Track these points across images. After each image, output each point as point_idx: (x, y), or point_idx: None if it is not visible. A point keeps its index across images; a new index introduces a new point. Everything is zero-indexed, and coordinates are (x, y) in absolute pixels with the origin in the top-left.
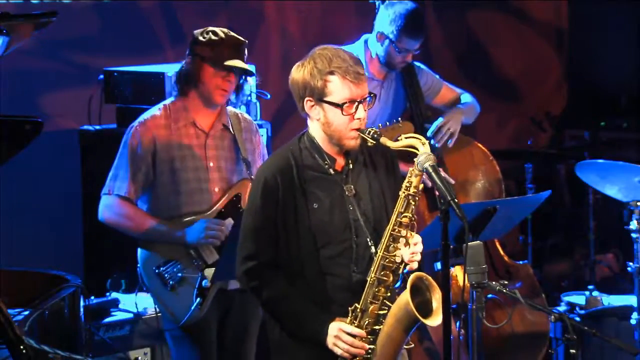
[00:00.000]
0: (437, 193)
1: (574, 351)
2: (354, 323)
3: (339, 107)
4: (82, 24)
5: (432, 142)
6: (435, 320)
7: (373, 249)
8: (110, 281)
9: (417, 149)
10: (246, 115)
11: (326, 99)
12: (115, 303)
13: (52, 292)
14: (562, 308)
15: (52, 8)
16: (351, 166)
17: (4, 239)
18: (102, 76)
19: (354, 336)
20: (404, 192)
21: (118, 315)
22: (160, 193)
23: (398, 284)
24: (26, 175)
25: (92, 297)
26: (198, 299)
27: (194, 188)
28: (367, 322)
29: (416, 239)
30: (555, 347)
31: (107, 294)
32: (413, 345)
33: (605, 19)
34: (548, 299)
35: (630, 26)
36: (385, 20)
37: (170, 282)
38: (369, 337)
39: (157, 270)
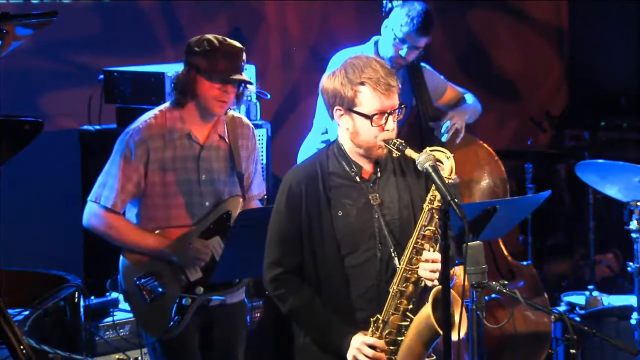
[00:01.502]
0: None
1: (574, 351)
2: (375, 334)
3: (369, 119)
4: (82, 24)
5: (439, 136)
6: (456, 334)
7: (396, 261)
8: (110, 281)
9: (441, 162)
10: (245, 120)
11: (356, 109)
12: (115, 303)
13: (52, 292)
14: (562, 308)
15: (52, 8)
16: (379, 174)
17: (4, 239)
18: (102, 76)
19: (374, 347)
20: (427, 205)
21: (118, 315)
22: (150, 203)
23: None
24: (26, 175)
25: (92, 297)
26: (176, 317)
27: (185, 202)
28: (388, 332)
29: (433, 255)
30: (555, 347)
31: (107, 294)
32: (434, 357)
33: (605, 18)
34: (548, 299)
35: (630, 26)
36: (397, 14)
37: (151, 296)
38: (390, 347)
39: (137, 282)
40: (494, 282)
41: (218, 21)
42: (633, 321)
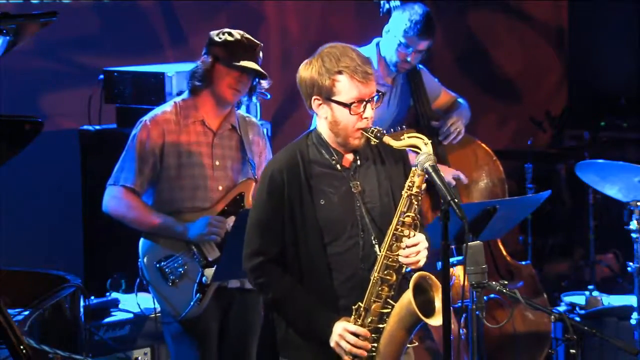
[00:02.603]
0: None
1: (574, 351)
2: (358, 322)
3: (347, 107)
4: (82, 24)
5: (442, 138)
6: (437, 319)
7: (377, 248)
8: (110, 281)
9: (419, 148)
10: (254, 119)
11: (334, 98)
12: (115, 303)
13: (52, 292)
14: (562, 308)
15: (52, 8)
16: (359, 163)
17: (4, 239)
18: (102, 76)
19: (357, 335)
20: (406, 192)
21: (118, 315)
22: (165, 187)
23: (408, 269)
24: (26, 175)
25: (92, 297)
26: (197, 295)
27: (198, 184)
28: (370, 320)
29: (417, 238)
30: (555, 347)
31: (107, 294)
32: (417, 343)
33: (605, 18)
34: (548, 299)
35: (630, 26)
36: (398, 19)
37: (171, 277)
38: (373, 335)
39: (158, 265)
40: (494, 282)
41: (218, 21)
42: (633, 321)
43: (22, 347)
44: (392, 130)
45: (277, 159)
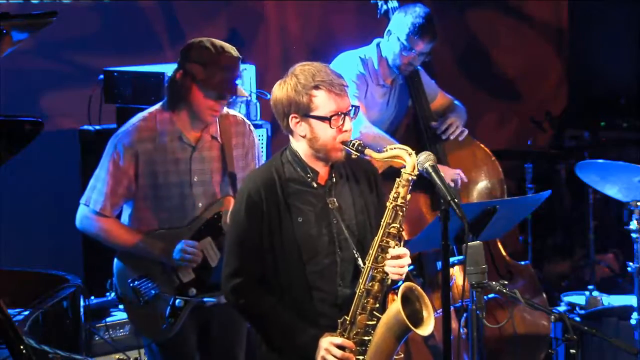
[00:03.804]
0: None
1: (574, 351)
2: (343, 335)
3: (327, 121)
4: (82, 24)
5: (443, 136)
6: (426, 329)
7: (360, 262)
8: (110, 281)
9: (403, 159)
10: (239, 117)
11: (312, 113)
12: (115, 303)
13: (52, 292)
14: (562, 308)
15: (52, 8)
16: (334, 180)
17: (4, 239)
18: (102, 76)
19: (343, 348)
20: (391, 203)
21: (118, 315)
22: (142, 206)
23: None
24: (26, 175)
25: (92, 297)
26: (170, 319)
27: (176, 204)
28: (355, 332)
29: (402, 249)
30: (555, 347)
31: (107, 294)
32: (402, 355)
33: (605, 18)
34: (548, 299)
35: (630, 26)
36: (401, 22)
37: (144, 298)
38: (358, 348)
39: (131, 284)
40: (494, 282)
41: (218, 21)
42: (633, 321)
43: (22, 347)
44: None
45: (253, 178)
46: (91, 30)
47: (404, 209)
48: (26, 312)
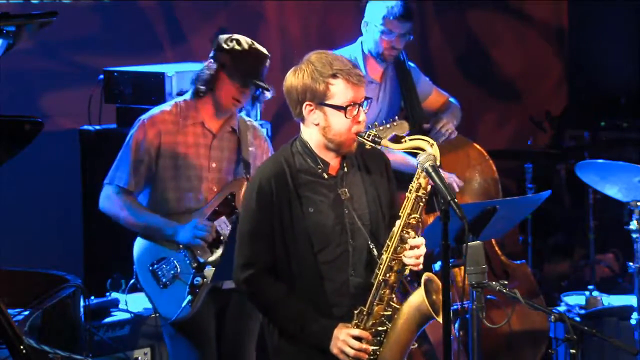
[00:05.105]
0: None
1: (574, 351)
2: (359, 326)
3: (342, 110)
4: (82, 24)
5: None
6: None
7: (375, 252)
8: (110, 281)
9: (424, 150)
10: (255, 124)
11: (328, 102)
12: (115, 303)
13: (52, 292)
14: (562, 308)
15: (52, 8)
16: (346, 170)
17: (4, 238)
18: (102, 76)
19: (360, 339)
20: (413, 193)
21: (118, 315)
22: (160, 187)
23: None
24: (26, 175)
25: (92, 297)
26: (189, 297)
27: (193, 186)
28: (372, 323)
29: (419, 240)
30: (555, 347)
31: (107, 294)
32: (416, 345)
33: (605, 19)
34: (548, 299)
35: (630, 26)
36: (374, 9)
37: (163, 280)
38: (373, 339)
39: (151, 268)
40: (493, 282)
41: (218, 21)
42: (633, 321)
43: (22, 347)
44: (384, 122)
45: (264, 169)
46: (91, 30)
47: (424, 199)
48: (26, 312)
